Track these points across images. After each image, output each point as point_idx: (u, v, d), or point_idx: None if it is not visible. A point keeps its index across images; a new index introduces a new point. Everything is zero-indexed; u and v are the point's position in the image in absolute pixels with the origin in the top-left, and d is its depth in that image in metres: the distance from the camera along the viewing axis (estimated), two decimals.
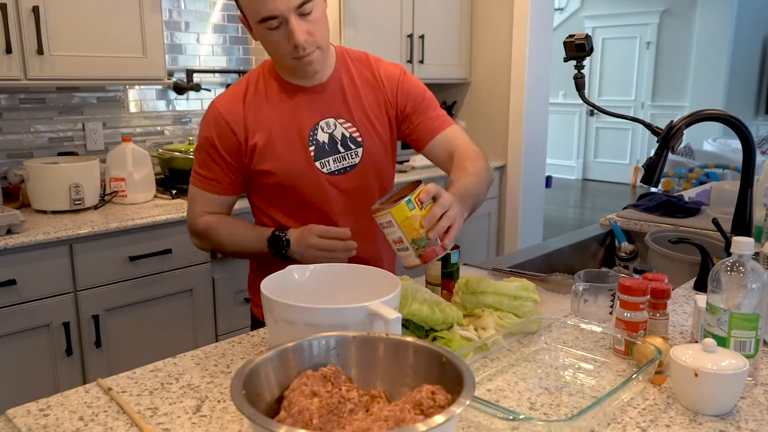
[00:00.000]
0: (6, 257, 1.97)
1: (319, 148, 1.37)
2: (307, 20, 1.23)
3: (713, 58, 7.71)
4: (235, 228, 1.40)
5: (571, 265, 1.95)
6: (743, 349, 1.00)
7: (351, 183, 1.40)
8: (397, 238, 1.08)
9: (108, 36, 2.35)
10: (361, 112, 1.40)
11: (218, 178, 1.38)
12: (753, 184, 1.51)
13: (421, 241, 1.07)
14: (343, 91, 1.39)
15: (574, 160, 9.17)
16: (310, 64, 1.28)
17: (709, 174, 6.67)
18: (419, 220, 1.06)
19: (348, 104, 1.39)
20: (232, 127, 1.34)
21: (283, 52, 1.26)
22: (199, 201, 1.41)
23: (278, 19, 1.20)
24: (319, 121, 1.37)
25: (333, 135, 1.38)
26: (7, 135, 2.50)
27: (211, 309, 2.49)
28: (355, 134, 1.39)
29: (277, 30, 1.22)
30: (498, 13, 3.76)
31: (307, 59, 1.26)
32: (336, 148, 1.38)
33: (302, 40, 1.22)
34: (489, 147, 3.93)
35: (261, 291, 0.99)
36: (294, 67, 1.30)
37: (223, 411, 0.94)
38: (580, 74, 1.51)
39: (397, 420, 0.69)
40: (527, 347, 1.16)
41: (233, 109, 1.35)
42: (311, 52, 1.26)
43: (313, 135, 1.36)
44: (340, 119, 1.38)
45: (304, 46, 1.23)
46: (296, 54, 1.25)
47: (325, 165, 1.37)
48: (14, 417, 0.92)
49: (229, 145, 1.35)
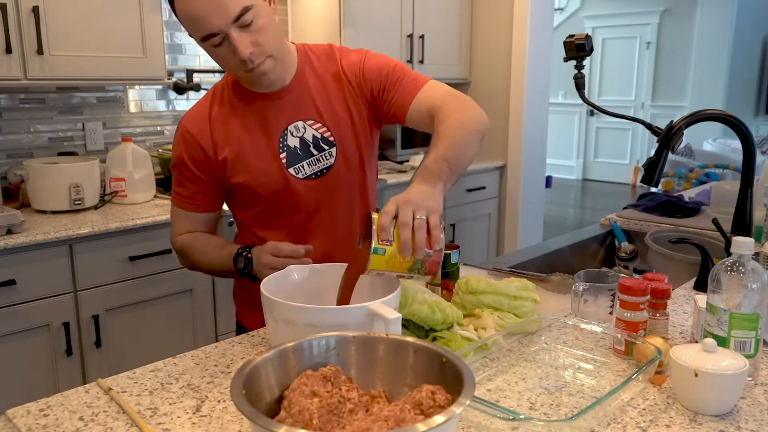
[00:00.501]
0: (6, 257, 1.97)
1: (291, 153, 1.32)
2: (249, 31, 1.16)
3: (713, 58, 7.71)
4: (206, 247, 1.36)
5: (571, 265, 1.95)
6: (743, 349, 1.00)
7: (329, 185, 1.35)
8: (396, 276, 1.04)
9: (108, 36, 2.35)
10: (331, 110, 1.34)
11: (193, 196, 1.36)
12: (753, 184, 1.51)
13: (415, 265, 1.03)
14: (309, 92, 1.33)
15: (574, 160, 9.17)
16: (264, 75, 1.22)
17: (709, 174, 6.67)
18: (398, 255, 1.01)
19: (316, 104, 1.33)
20: (200, 143, 1.31)
21: (233, 66, 1.21)
22: (178, 220, 1.40)
23: (219, 36, 1.15)
24: (287, 126, 1.32)
25: (303, 138, 1.32)
26: (7, 135, 2.50)
27: (211, 309, 2.49)
28: (326, 134, 1.33)
29: (221, 46, 1.17)
30: (498, 13, 3.76)
31: (258, 70, 1.21)
32: (309, 151, 1.32)
33: (247, 54, 1.16)
34: (489, 147, 3.94)
35: (261, 291, 0.99)
36: (249, 80, 1.26)
37: (223, 411, 0.94)
38: (580, 74, 1.51)
39: (397, 420, 0.69)
40: (527, 347, 1.16)
41: (199, 125, 1.32)
42: (261, 62, 1.20)
43: (283, 141, 1.31)
44: (308, 121, 1.32)
45: (251, 59, 1.18)
46: (245, 67, 1.19)
47: (300, 170, 1.32)
48: (14, 417, 0.92)
49: (199, 162, 1.32)
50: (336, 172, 1.35)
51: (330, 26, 3.14)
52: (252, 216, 1.39)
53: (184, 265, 1.43)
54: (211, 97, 1.35)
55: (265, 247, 1.25)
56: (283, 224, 1.36)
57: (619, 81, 8.60)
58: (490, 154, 3.92)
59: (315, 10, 3.19)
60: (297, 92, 1.32)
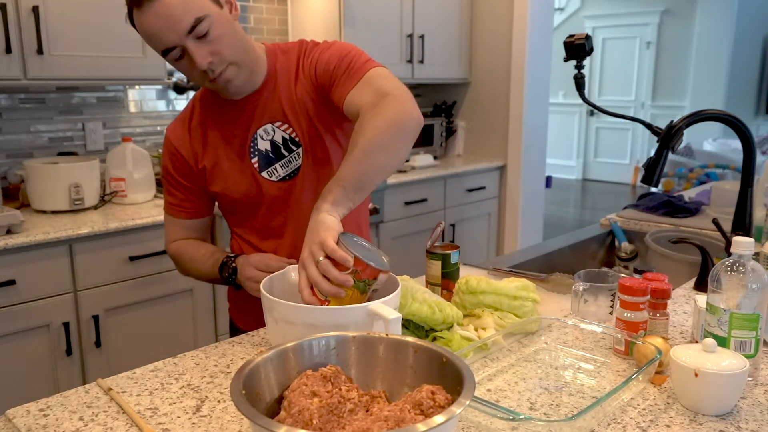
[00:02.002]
0: (6, 257, 1.97)
1: (262, 157, 1.31)
2: (206, 41, 1.14)
3: (713, 58, 7.71)
4: (195, 255, 1.38)
5: (571, 265, 1.95)
6: (743, 349, 1.00)
7: (302, 185, 1.32)
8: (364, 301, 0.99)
9: (108, 36, 2.35)
10: (295, 110, 1.30)
11: (181, 204, 1.39)
12: (753, 184, 1.51)
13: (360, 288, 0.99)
14: (278, 93, 1.30)
15: (574, 160, 9.17)
16: (228, 82, 1.21)
17: (709, 174, 6.67)
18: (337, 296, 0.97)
19: (283, 105, 1.29)
20: (181, 152, 1.34)
21: (197, 77, 1.20)
22: (169, 227, 1.43)
23: (177, 49, 1.14)
24: (256, 131, 1.30)
25: (273, 141, 1.30)
26: (7, 135, 2.50)
27: (211, 309, 2.49)
28: (293, 135, 1.30)
29: (182, 59, 1.16)
30: (498, 13, 3.76)
31: (221, 79, 1.19)
32: (280, 152, 1.31)
33: (205, 64, 1.15)
34: (489, 147, 3.94)
35: (261, 291, 0.99)
36: (216, 89, 1.25)
37: (223, 411, 0.94)
38: (580, 74, 1.51)
39: (397, 420, 0.69)
40: (527, 347, 1.16)
41: (180, 136, 1.34)
42: (222, 70, 1.18)
43: (254, 145, 1.31)
44: (276, 123, 1.30)
45: (211, 69, 1.16)
46: (207, 77, 1.18)
47: (273, 173, 1.31)
48: (14, 417, 0.92)
49: (182, 171, 1.35)
50: (303, 172, 1.32)
51: (330, 26, 3.14)
52: (235, 221, 1.41)
53: (179, 270, 1.46)
54: (192, 107, 1.36)
55: (250, 259, 1.26)
56: (262, 227, 1.37)
57: (619, 81, 8.60)
58: (490, 154, 3.92)
59: (315, 10, 3.19)
60: (266, 95, 1.30)
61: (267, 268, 1.22)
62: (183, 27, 1.11)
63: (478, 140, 3.99)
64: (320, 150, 1.31)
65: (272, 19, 3.25)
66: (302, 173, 1.31)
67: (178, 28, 1.11)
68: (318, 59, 1.27)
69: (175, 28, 1.11)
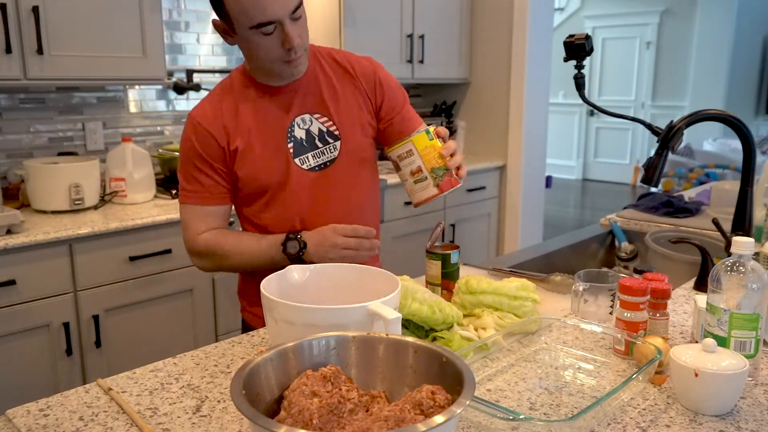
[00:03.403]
0: (6, 257, 1.97)
1: (297, 144, 1.37)
2: (297, 25, 1.25)
3: (713, 58, 7.71)
4: (240, 240, 1.37)
5: (571, 265, 1.95)
6: (743, 349, 1.00)
7: (331, 177, 1.39)
8: (416, 168, 1.16)
9: (108, 36, 2.35)
10: (339, 106, 1.39)
11: (209, 188, 1.37)
12: (753, 184, 1.51)
13: (440, 171, 1.15)
14: (318, 87, 1.39)
15: (574, 160, 9.17)
16: (297, 67, 1.30)
17: (709, 174, 6.67)
18: (438, 150, 1.15)
19: (324, 99, 1.38)
20: (213, 133, 1.34)
21: (274, 56, 1.26)
22: (194, 219, 1.39)
23: (273, 25, 1.22)
24: (294, 118, 1.37)
25: (309, 131, 1.37)
26: (7, 135, 2.50)
27: (211, 309, 2.49)
28: (332, 128, 1.39)
29: (270, 35, 1.23)
30: (498, 13, 3.76)
31: (295, 62, 1.28)
32: (314, 143, 1.38)
33: (296, 44, 1.24)
34: (489, 147, 3.94)
35: (261, 291, 0.99)
36: (282, 71, 1.30)
37: (223, 411, 0.94)
38: (580, 74, 1.51)
39: (397, 420, 0.69)
40: (527, 347, 1.16)
41: (211, 117, 1.35)
42: (301, 55, 1.28)
43: (291, 132, 1.36)
44: (315, 114, 1.38)
45: (295, 50, 1.25)
46: (288, 57, 1.26)
47: (305, 161, 1.37)
48: (14, 417, 0.92)
49: (213, 152, 1.35)
50: (338, 165, 1.39)
51: (330, 26, 3.14)
52: (255, 209, 1.41)
53: (204, 266, 1.42)
54: (221, 91, 1.38)
55: (336, 228, 1.32)
56: (280, 216, 1.39)
57: (619, 81, 8.60)
58: (490, 154, 3.92)
59: (315, 10, 3.19)
60: (306, 86, 1.38)
61: (355, 232, 1.31)
62: (290, 5, 1.21)
63: (478, 140, 3.99)
64: (357, 148, 1.41)
65: None
66: (336, 166, 1.39)
67: (287, 4, 1.21)
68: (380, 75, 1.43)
69: (285, 4, 1.21)
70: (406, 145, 1.17)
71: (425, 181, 1.16)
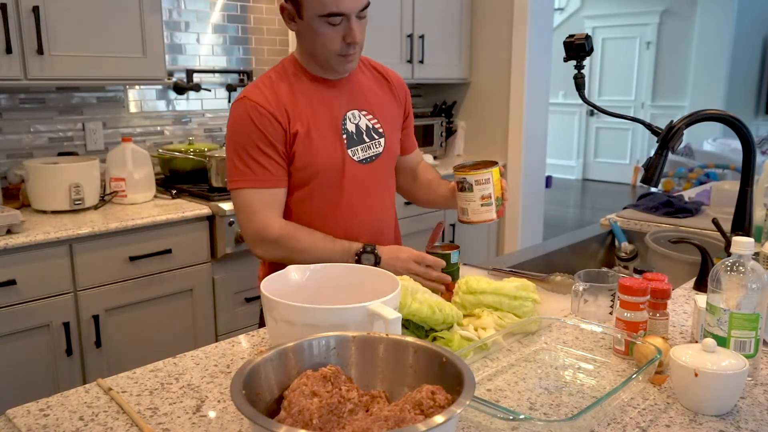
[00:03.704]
0: (6, 257, 1.97)
1: (349, 136, 1.44)
2: (361, 23, 1.34)
3: (713, 58, 7.71)
4: (314, 238, 1.38)
5: (571, 265, 1.95)
6: (743, 349, 1.00)
7: (375, 172, 1.48)
8: (487, 194, 1.37)
9: (108, 36, 2.35)
10: (382, 107, 1.51)
11: (273, 170, 1.36)
12: (753, 184, 1.51)
13: (500, 201, 1.39)
14: (362, 88, 1.49)
15: (574, 160, 9.17)
16: (351, 62, 1.38)
17: (709, 174, 6.67)
18: (502, 184, 1.40)
19: (367, 98, 1.49)
20: (275, 115, 1.35)
21: (333, 47, 1.33)
22: (263, 204, 1.36)
23: (342, 17, 1.30)
24: (346, 112, 1.44)
25: (359, 125, 1.46)
26: (7, 135, 2.50)
27: (211, 309, 2.49)
28: (377, 126, 1.49)
29: (335, 27, 1.31)
30: (498, 13, 3.76)
31: (351, 57, 1.36)
32: (362, 137, 1.46)
33: (358, 40, 1.33)
34: (489, 147, 3.93)
35: (261, 291, 1.00)
36: (336, 64, 1.37)
37: (223, 411, 0.94)
38: (580, 74, 1.51)
39: (397, 420, 0.69)
40: (527, 347, 1.16)
41: (270, 99, 1.36)
42: (356, 52, 1.36)
43: (344, 124, 1.44)
44: (362, 111, 1.47)
45: (354, 46, 1.34)
46: (346, 51, 1.34)
47: (355, 153, 1.45)
48: (14, 417, 0.92)
49: (276, 134, 1.35)
50: (382, 160, 1.50)
51: None
52: (298, 197, 1.42)
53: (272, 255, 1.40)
54: (276, 76, 1.42)
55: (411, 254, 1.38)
56: (325, 205, 1.43)
57: (619, 81, 8.60)
58: (490, 154, 3.92)
59: None
60: (353, 84, 1.48)
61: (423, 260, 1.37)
62: (362, 3, 1.31)
63: (478, 140, 3.99)
64: (394, 147, 1.54)
65: (272, 19, 3.25)
66: (380, 161, 1.49)
67: (360, 1, 1.31)
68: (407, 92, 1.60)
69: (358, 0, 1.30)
70: (486, 174, 1.36)
71: (490, 206, 1.37)
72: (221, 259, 2.46)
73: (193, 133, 3.04)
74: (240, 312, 2.56)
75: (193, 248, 2.39)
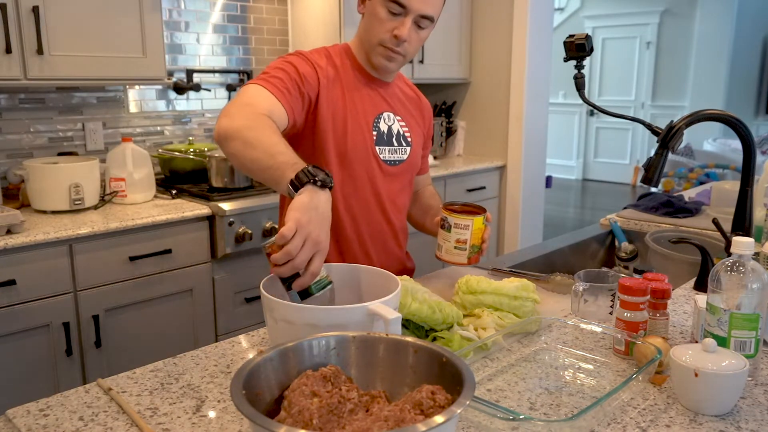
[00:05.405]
0: (6, 257, 1.97)
1: (380, 135, 1.47)
2: (416, 31, 1.36)
3: (713, 58, 7.71)
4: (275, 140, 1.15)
5: (571, 265, 1.95)
6: (743, 349, 1.00)
7: (397, 176, 1.51)
8: (463, 239, 1.36)
9: (108, 36, 2.34)
10: (412, 120, 1.55)
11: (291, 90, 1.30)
12: (753, 184, 1.51)
13: (476, 248, 1.37)
14: (399, 96, 1.54)
15: (574, 160, 9.17)
16: (390, 61, 1.39)
17: (709, 174, 6.67)
18: (482, 233, 1.37)
19: (403, 108, 1.54)
20: (317, 71, 1.38)
21: (381, 34, 1.36)
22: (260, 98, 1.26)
23: (402, 10, 1.32)
24: (382, 112, 1.48)
25: (391, 128, 1.50)
26: (7, 135, 2.50)
27: (211, 309, 2.49)
28: (407, 133, 1.53)
29: (393, 17, 1.33)
30: (498, 13, 3.76)
31: (391, 54, 1.37)
32: (391, 140, 1.50)
33: (404, 36, 1.33)
34: (489, 147, 3.94)
35: (260, 291, 0.99)
36: (376, 54, 1.39)
37: (223, 411, 0.94)
38: (580, 74, 1.51)
39: (397, 420, 0.69)
40: (527, 347, 1.16)
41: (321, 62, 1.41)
42: (399, 52, 1.37)
43: (377, 122, 1.47)
44: (397, 116, 1.52)
45: (398, 46, 1.36)
46: (390, 44, 1.36)
47: (382, 152, 1.48)
48: (14, 417, 0.92)
49: (310, 79, 1.36)
50: (405, 167, 1.53)
51: (330, 26, 3.14)
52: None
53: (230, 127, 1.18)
54: (326, 53, 1.45)
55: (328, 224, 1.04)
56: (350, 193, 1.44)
57: (619, 81, 8.60)
58: (490, 154, 3.92)
59: (315, 11, 3.19)
60: (391, 90, 1.52)
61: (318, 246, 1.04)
62: (426, 9, 1.33)
63: (478, 140, 3.99)
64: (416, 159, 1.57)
65: (272, 19, 3.25)
66: (402, 167, 1.52)
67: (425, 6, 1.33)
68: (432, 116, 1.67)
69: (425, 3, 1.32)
70: (467, 220, 1.35)
71: (463, 251, 1.37)
72: (221, 259, 2.46)
73: (193, 133, 3.04)
74: (240, 312, 2.56)
75: (193, 248, 2.39)
